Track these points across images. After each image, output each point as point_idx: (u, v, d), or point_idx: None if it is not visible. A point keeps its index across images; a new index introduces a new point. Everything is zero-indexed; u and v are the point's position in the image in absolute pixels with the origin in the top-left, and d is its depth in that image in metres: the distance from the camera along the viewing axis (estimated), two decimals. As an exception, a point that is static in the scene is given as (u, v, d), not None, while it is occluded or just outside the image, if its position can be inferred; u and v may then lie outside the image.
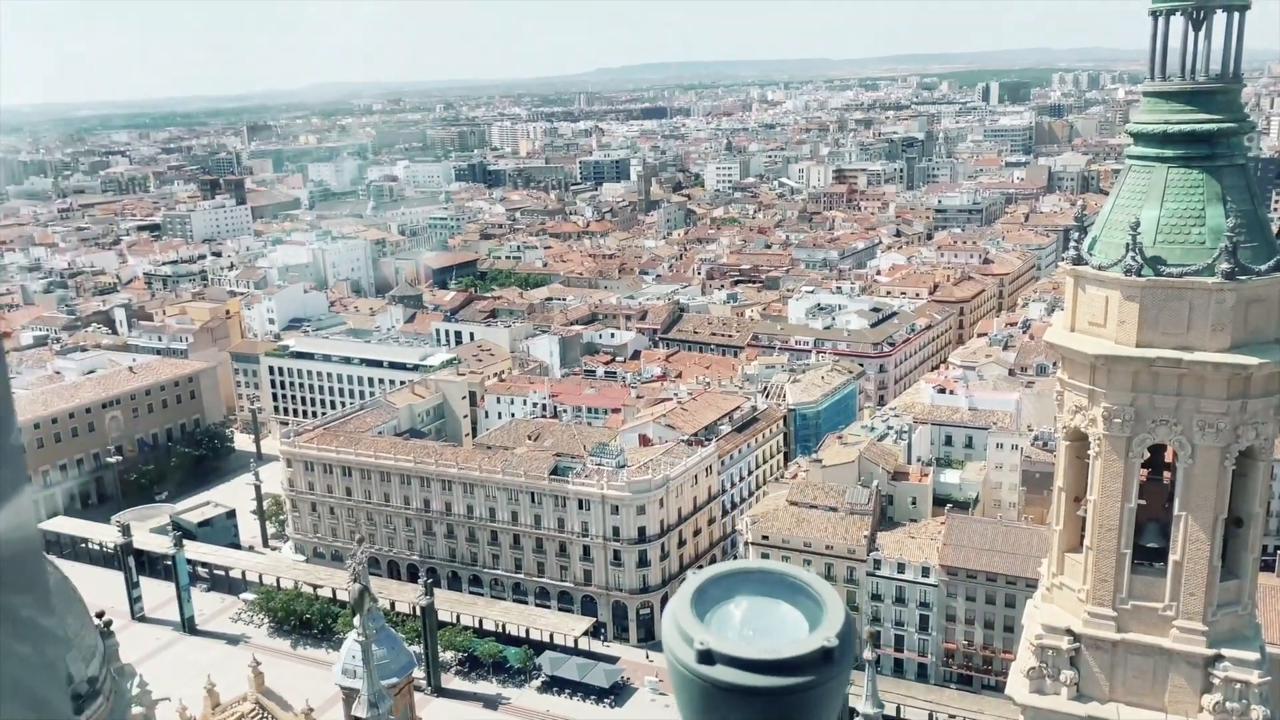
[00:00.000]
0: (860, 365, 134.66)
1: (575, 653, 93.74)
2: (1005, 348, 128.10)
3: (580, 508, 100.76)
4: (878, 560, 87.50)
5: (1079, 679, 27.27)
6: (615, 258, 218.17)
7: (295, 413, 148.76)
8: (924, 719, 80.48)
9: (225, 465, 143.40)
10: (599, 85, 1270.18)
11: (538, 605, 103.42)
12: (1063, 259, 29.27)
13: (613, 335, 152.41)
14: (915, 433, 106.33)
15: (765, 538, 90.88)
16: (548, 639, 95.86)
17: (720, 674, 3.32)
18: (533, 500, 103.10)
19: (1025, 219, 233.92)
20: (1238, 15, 25.33)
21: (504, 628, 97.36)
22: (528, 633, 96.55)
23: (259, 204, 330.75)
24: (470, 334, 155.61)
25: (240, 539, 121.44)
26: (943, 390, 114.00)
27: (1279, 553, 79.67)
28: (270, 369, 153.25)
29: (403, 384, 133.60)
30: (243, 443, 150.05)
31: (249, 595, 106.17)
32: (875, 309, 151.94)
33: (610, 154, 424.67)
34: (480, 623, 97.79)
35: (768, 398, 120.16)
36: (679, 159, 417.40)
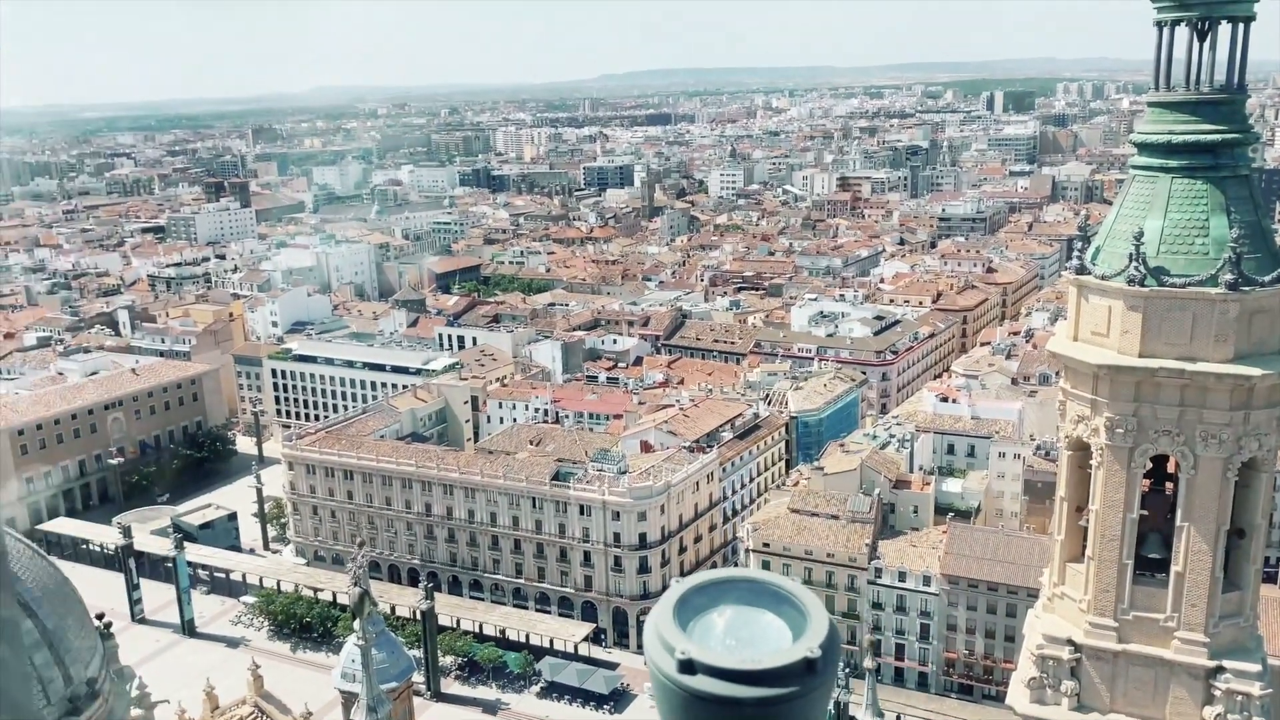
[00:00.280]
0: (863, 373, 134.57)
1: (575, 658, 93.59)
2: (1008, 357, 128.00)
3: (581, 513, 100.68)
4: (879, 569, 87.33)
5: (1080, 689, 27.20)
6: (618, 263, 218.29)
7: (297, 416, 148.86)
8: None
9: (227, 468, 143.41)
10: (604, 91, 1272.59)
11: (538, 610, 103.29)
12: (1066, 268, 29.27)
13: (615, 341, 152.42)
14: (917, 441, 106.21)
15: (766, 545, 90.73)
16: (548, 644, 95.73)
17: (701, 684, 3.27)
18: (534, 505, 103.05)
19: (1029, 228, 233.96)
20: (1242, 26, 25.36)
21: (504, 633, 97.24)
22: (528, 638, 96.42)
23: (263, 207, 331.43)
24: (473, 339, 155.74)
25: (241, 542, 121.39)
26: (945, 399, 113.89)
27: (1281, 564, 79.43)
28: (273, 372, 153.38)
29: (405, 388, 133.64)
30: (244, 445, 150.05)
31: (249, 598, 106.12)
32: (878, 317, 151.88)
33: (614, 160, 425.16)
34: (480, 628, 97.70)
35: (770, 405, 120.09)
36: (683, 165, 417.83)
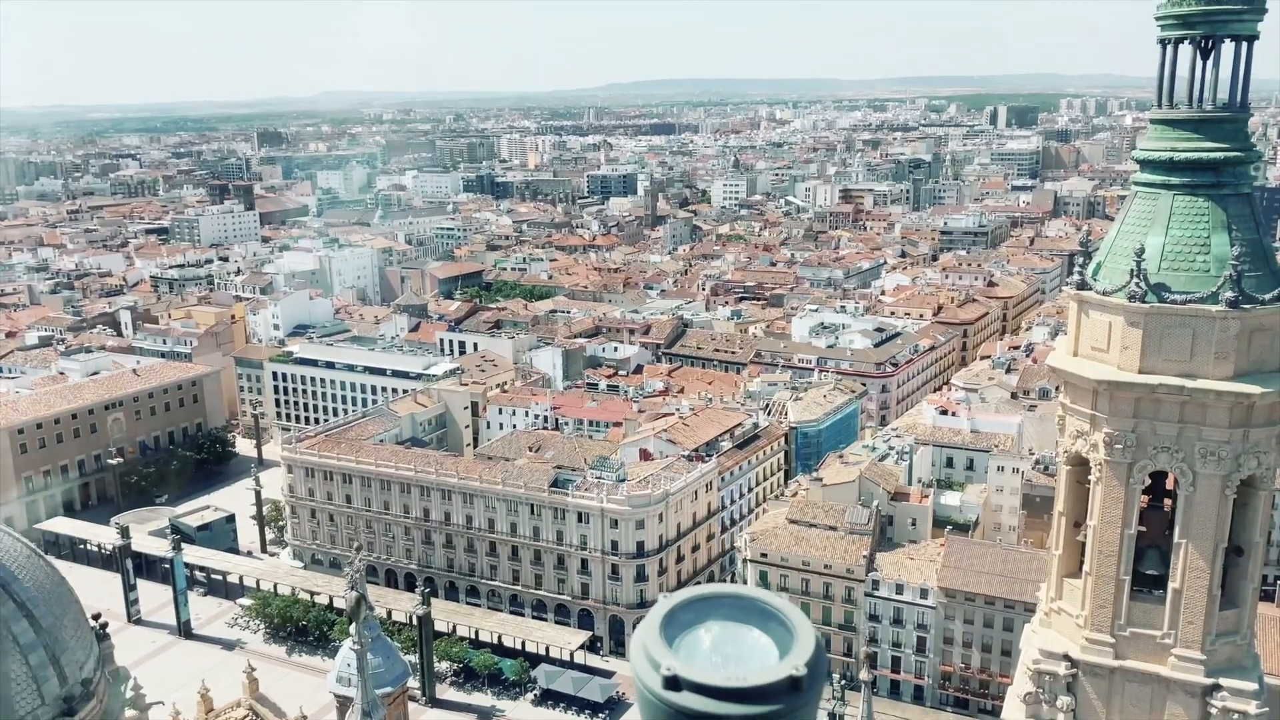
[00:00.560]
0: (863, 385, 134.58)
1: (571, 666, 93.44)
2: (1008, 371, 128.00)
3: (579, 521, 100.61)
4: (876, 581, 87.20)
5: (1075, 705, 27.16)
6: (620, 272, 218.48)
7: (297, 419, 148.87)
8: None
9: (226, 470, 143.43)
10: (609, 100, 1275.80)
11: (534, 618, 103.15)
12: (1067, 283, 29.33)
13: (616, 349, 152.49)
14: (916, 454, 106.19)
15: (764, 555, 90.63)
16: (544, 652, 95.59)
17: (686, 700, 3.26)
18: (532, 512, 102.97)
19: (1030, 243, 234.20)
20: (1246, 45, 25.46)
21: (500, 639, 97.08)
22: (523, 645, 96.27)
23: (267, 210, 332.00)
24: (474, 344, 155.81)
25: (239, 544, 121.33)
26: (945, 412, 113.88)
27: (1279, 583, 79.29)
28: (274, 374, 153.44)
29: (405, 393, 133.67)
30: (244, 448, 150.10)
31: (246, 600, 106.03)
32: (879, 329, 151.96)
33: (618, 168, 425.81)
34: (476, 634, 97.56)
35: (769, 415, 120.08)
36: (686, 175, 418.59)
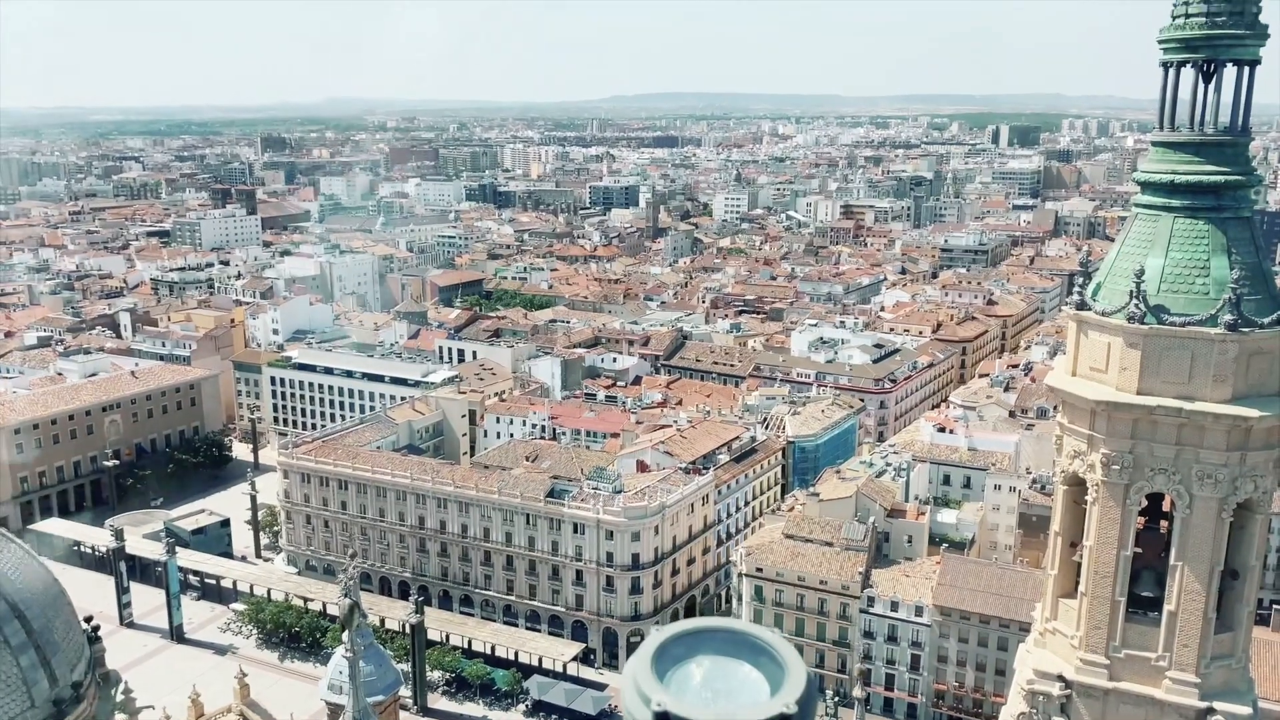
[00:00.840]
0: (861, 400, 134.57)
1: (564, 678, 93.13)
2: (1006, 389, 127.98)
3: (575, 531, 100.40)
4: (871, 597, 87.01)
5: (1069, 726, 27.05)
6: (621, 283, 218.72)
7: (295, 424, 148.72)
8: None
9: (222, 474, 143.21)
10: (612, 112, 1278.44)
11: (528, 628, 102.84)
12: (1066, 303, 29.37)
13: (615, 360, 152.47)
14: (914, 471, 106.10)
15: (759, 570, 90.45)
16: (536, 663, 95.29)
17: None
18: (528, 522, 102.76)
19: (1030, 262, 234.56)
20: (1248, 70, 25.58)
21: (493, 649, 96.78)
22: (516, 656, 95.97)
23: (269, 215, 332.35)
24: (473, 353, 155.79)
25: (233, 548, 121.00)
26: (942, 429, 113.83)
27: (1274, 607, 79.12)
28: (272, 379, 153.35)
29: (403, 400, 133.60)
30: (241, 452, 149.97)
31: (239, 605, 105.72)
32: (878, 345, 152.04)
33: (620, 180, 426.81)
34: (469, 643, 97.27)
35: (767, 429, 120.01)
36: (688, 188, 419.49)
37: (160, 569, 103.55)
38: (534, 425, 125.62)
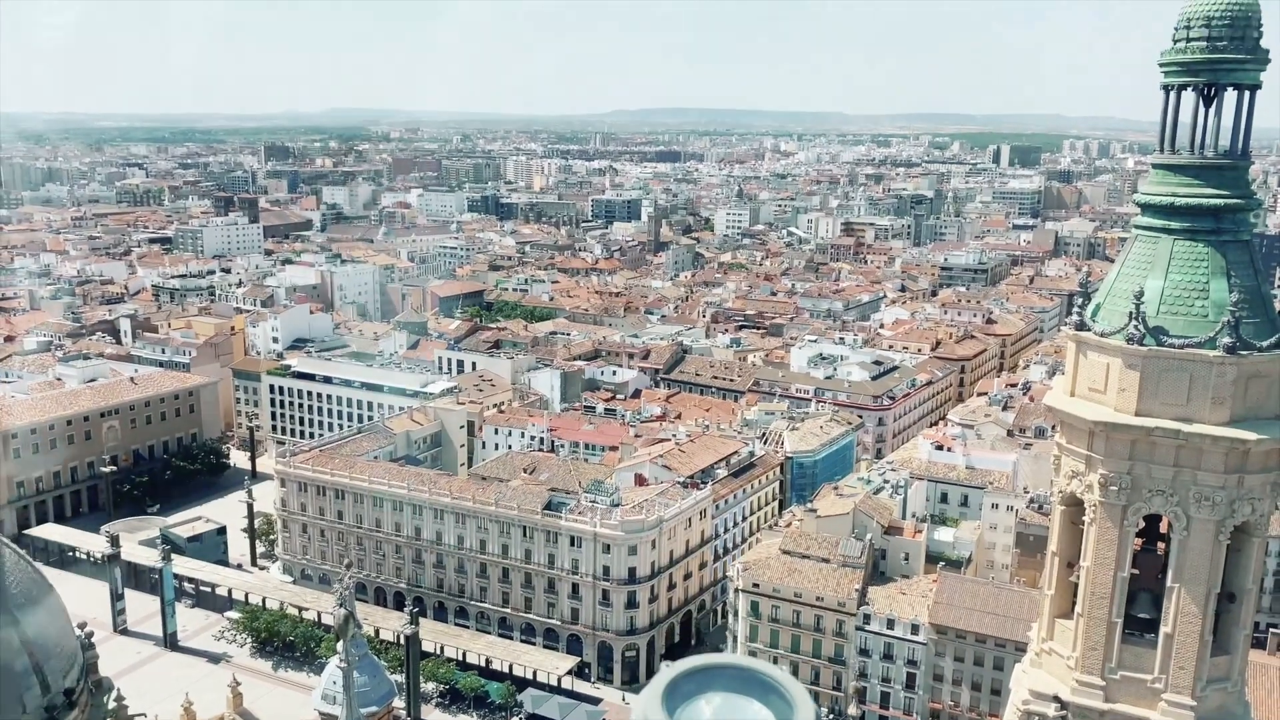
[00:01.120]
0: (859, 417, 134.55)
1: (558, 692, 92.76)
2: (1005, 408, 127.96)
3: (572, 544, 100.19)
4: (867, 615, 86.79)
5: (1064, 747, 26.97)
6: (621, 296, 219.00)
7: (293, 432, 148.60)
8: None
9: (219, 481, 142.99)
10: (616, 126, 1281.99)
11: (523, 641, 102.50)
12: (1066, 323, 29.43)
13: (614, 373, 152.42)
14: (911, 488, 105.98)
15: (756, 585, 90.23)
16: (530, 676, 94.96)
17: None
18: (524, 534, 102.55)
19: (1030, 281, 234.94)
20: (1248, 94, 25.72)
21: (487, 662, 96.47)
22: (511, 668, 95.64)
23: (271, 223, 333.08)
24: (473, 363, 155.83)
25: (229, 556, 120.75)
26: (940, 447, 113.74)
27: (1270, 630, 78.93)
28: (271, 387, 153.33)
29: (402, 410, 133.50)
30: (238, 460, 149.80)
31: (233, 614, 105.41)
32: (877, 362, 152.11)
33: (622, 194, 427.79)
34: (464, 655, 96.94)
35: (765, 444, 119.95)
36: (690, 203, 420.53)
37: (155, 576, 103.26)
38: (532, 437, 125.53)
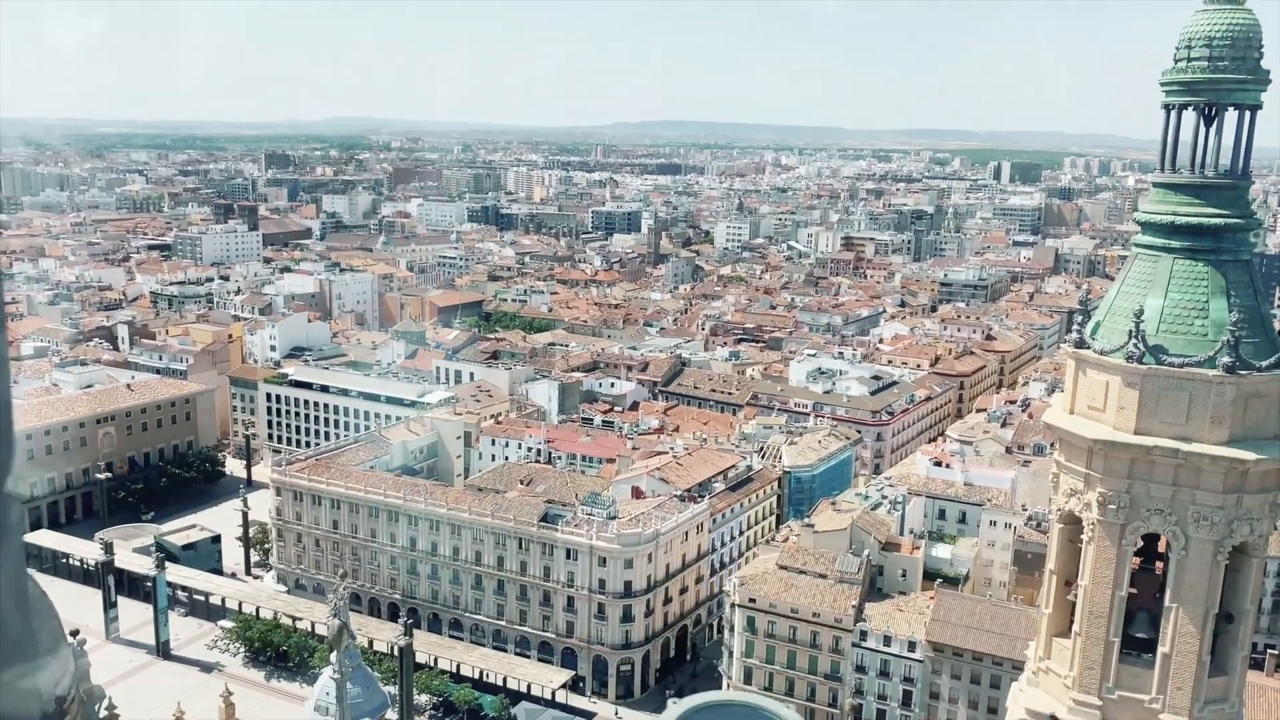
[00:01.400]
0: (858, 432, 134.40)
1: (552, 705, 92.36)
2: (1003, 425, 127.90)
3: (568, 557, 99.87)
4: (864, 631, 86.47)
5: (1061, 768, 26.79)
6: (620, 308, 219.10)
7: (289, 441, 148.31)
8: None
9: (215, 489, 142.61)
10: (617, 138, 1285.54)
11: (517, 654, 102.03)
12: (1065, 340, 29.40)
13: (613, 385, 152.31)
14: (909, 504, 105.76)
15: (753, 601, 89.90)
16: (525, 689, 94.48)
17: None
18: (520, 546, 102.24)
19: (1030, 298, 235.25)
20: (1249, 114, 25.77)
21: (482, 675, 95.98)
22: (505, 681, 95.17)
23: (270, 231, 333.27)
24: (470, 374, 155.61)
25: (223, 565, 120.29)
26: (939, 463, 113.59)
27: (1268, 651, 78.71)
28: (268, 396, 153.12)
29: (399, 419, 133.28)
30: (234, 468, 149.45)
31: (227, 623, 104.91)
32: (876, 377, 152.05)
33: (623, 206, 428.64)
34: (458, 668, 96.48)
35: (763, 458, 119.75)
36: (690, 215, 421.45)
37: (149, 584, 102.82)
38: (529, 448, 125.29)
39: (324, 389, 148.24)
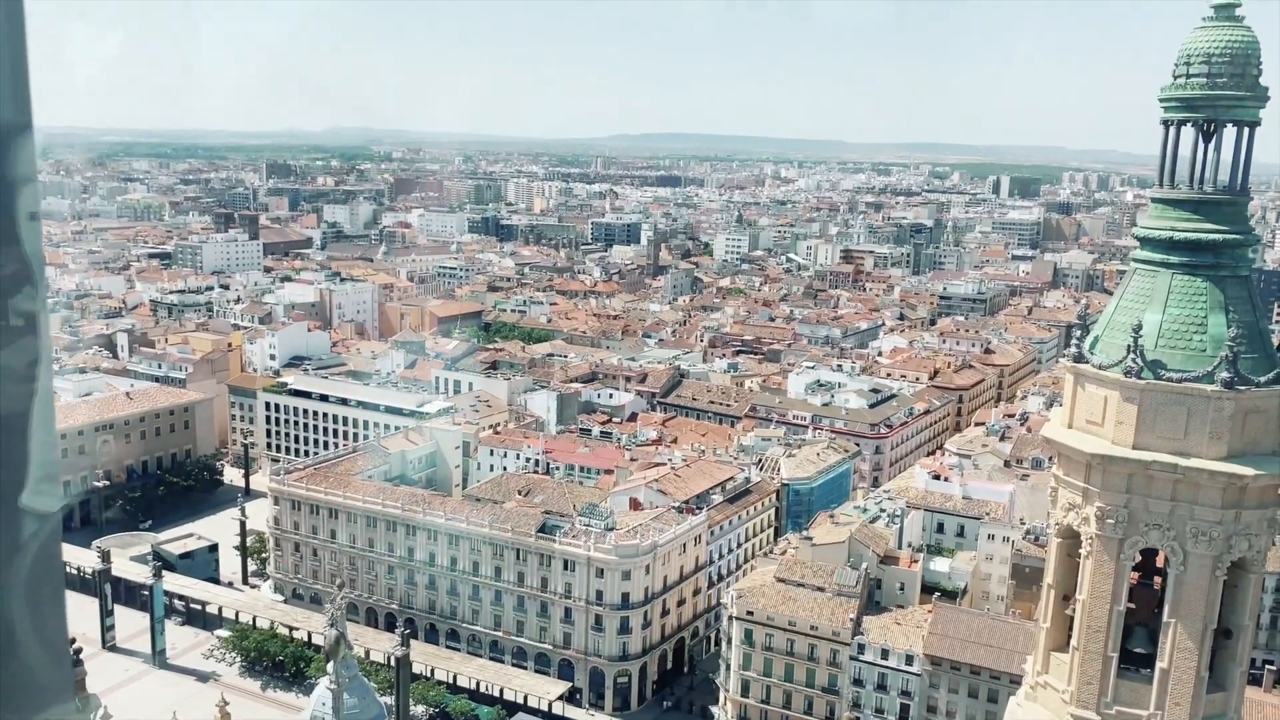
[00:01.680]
0: (856, 445, 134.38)
1: (549, 717, 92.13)
2: (1002, 439, 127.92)
3: (565, 568, 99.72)
4: (862, 644, 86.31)
5: (1059, 783, 26.73)
6: (620, 319, 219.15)
7: (288, 450, 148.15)
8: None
9: (213, 498, 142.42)
10: (617, 150, 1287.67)
11: (514, 665, 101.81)
12: (1064, 355, 29.46)
13: (611, 396, 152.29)
14: (907, 517, 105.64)
15: (750, 613, 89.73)
16: (522, 701, 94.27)
17: None
18: (517, 557, 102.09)
19: (1028, 312, 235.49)
20: (1248, 130, 25.89)
21: (478, 685, 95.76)
22: (502, 693, 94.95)
23: (271, 240, 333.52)
24: (469, 384, 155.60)
25: (220, 574, 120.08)
26: (937, 477, 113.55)
27: (1266, 667, 78.56)
28: (266, 405, 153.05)
29: (397, 429, 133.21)
30: (232, 477, 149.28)
31: (223, 632, 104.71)
32: (874, 390, 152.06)
33: (623, 217, 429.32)
34: (455, 678, 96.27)
35: (762, 470, 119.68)
36: (690, 227, 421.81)
37: (146, 592, 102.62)
38: (528, 459, 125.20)
39: (323, 398, 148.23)
